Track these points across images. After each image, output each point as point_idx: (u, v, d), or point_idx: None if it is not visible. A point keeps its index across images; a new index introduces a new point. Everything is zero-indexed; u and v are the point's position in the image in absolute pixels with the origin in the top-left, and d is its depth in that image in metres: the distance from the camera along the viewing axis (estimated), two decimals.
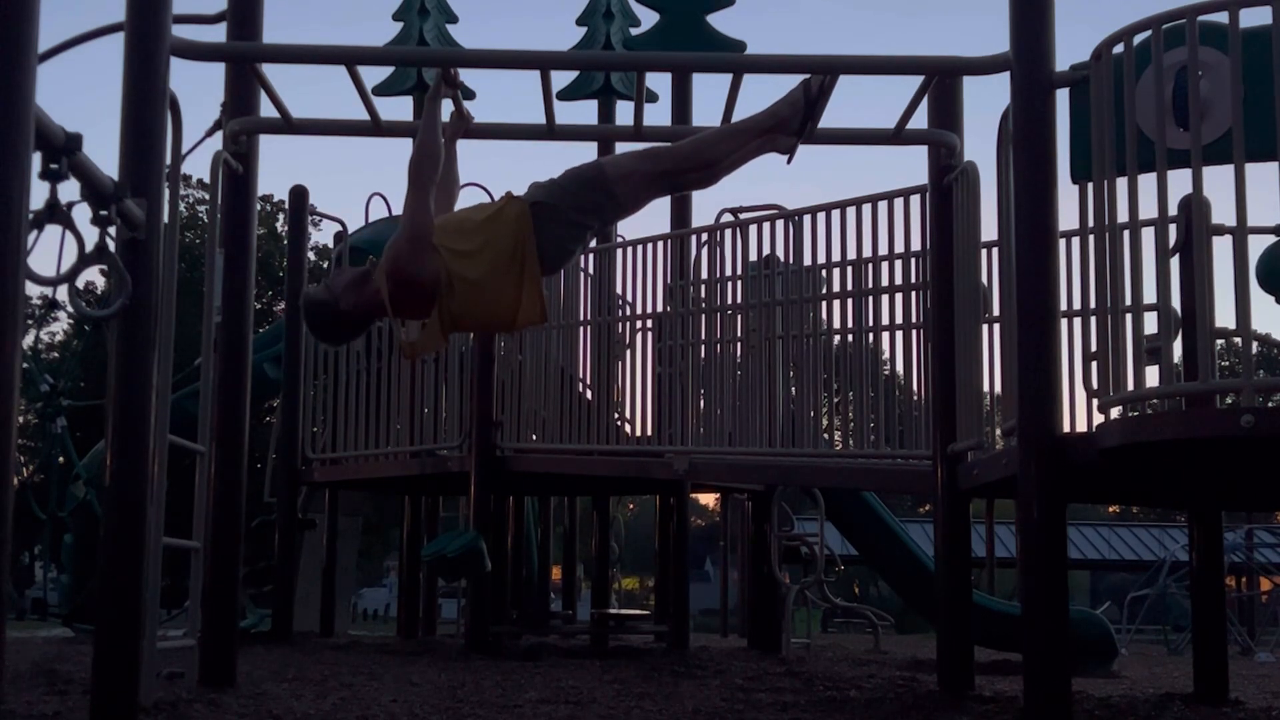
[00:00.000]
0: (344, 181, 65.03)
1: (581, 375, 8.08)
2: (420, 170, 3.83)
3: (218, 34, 5.84)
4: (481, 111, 6.83)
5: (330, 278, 3.99)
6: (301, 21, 60.94)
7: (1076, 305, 4.47)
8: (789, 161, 4.26)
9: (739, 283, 7.09)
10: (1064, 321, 4.63)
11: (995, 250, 5.46)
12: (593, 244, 8.61)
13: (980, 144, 5.18)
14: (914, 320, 6.18)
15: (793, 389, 6.92)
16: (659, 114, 10.24)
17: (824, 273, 6.67)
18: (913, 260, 6.18)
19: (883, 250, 6.32)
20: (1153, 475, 4.72)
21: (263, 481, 9.97)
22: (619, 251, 7.84)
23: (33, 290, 4.05)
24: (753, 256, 7.04)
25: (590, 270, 8.08)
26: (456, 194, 4.36)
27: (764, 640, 8.66)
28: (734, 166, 4.12)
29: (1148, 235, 4.04)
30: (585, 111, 10.59)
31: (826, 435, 7.93)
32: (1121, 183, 4.09)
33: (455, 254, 3.79)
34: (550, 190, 3.91)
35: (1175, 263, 4.66)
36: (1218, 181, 3.98)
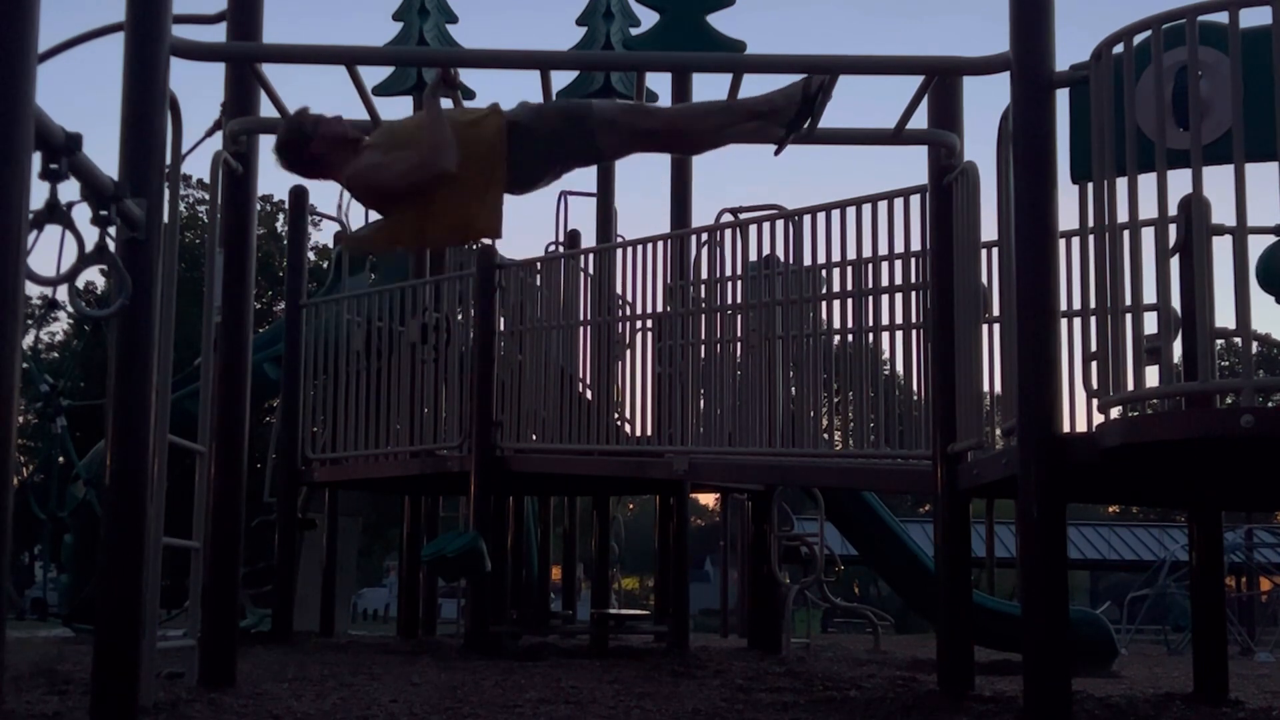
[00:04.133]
0: None
1: (581, 375, 8.08)
2: (433, 159, 3.87)
3: (218, 34, 5.85)
4: None
5: (331, 118, 4.04)
6: (301, 21, 60.92)
7: (1076, 305, 4.47)
8: (777, 153, 4.28)
9: (739, 283, 7.09)
10: (1064, 321, 4.64)
11: (995, 250, 5.46)
12: (593, 244, 8.64)
13: (980, 144, 5.19)
14: (914, 320, 6.18)
15: (793, 389, 6.92)
16: None
17: (824, 273, 6.67)
18: (913, 260, 6.18)
19: (883, 250, 6.32)
20: (1153, 475, 4.72)
21: (263, 481, 9.97)
22: (619, 251, 7.84)
23: (33, 290, 4.05)
24: (753, 256, 7.04)
25: (590, 270, 8.09)
26: None
27: (764, 640, 8.66)
28: (720, 143, 4.14)
29: (1148, 235, 4.04)
30: None
31: (826, 435, 7.93)
32: (1121, 183, 4.09)
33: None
34: (534, 116, 3.96)
35: (1175, 263, 4.66)
36: (1218, 181, 3.98)
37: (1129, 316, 4.02)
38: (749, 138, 4.15)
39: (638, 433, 7.75)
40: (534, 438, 8.14)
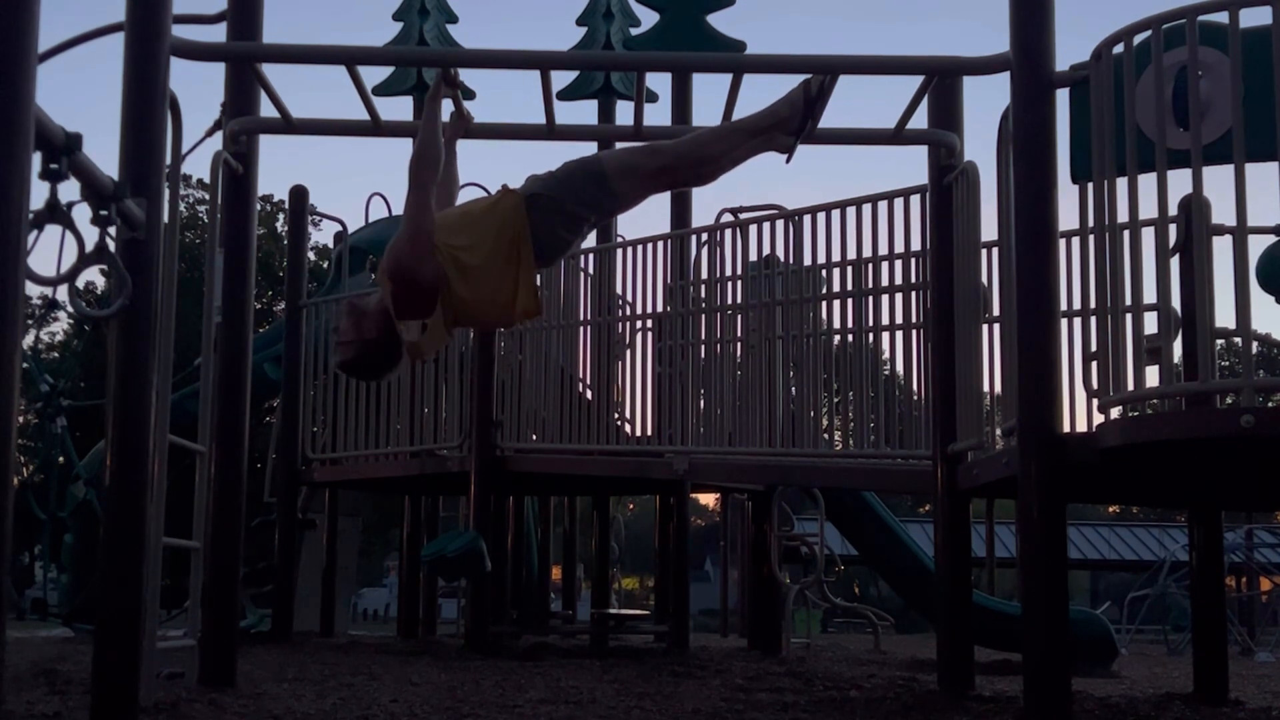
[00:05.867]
0: (344, 181, 65.03)
1: (581, 375, 8.08)
2: (420, 170, 3.83)
3: (218, 34, 5.84)
4: (481, 111, 6.84)
5: (334, 334, 3.96)
6: (301, 21, 60.96)
7: (1076, 305, 4.47)
8: (788, 161, 4.26)
9: (739, 283, 7.09)
10: (1064, 321, 4.64)
11: (995, 250, 5.46)
12: (593, 244, 8.66)
13: (980, 144, 5.19)
14: (914, 320, 6.19)
15: (793, 389, 6.92)
16: (659, 114, 10.27)
17: (824, 273, 6.68)
18: (913, 260, 6.18)
19: (883, 250, 6.32)
20: (1153, 475, 4.72)
21: (263, 481, 9.97)
22: (619, 251, 7.84)
23: (33, 290, 4.04)
24: (753, 256, 7.04)
25: (590, 270, 8.09)
26: (456, 194, 4.36)
27: (764, 640, 8.66)
28: (733, 164, 4.12)
29: (1148, 235, 4.04)
30: (585, 111, 10.61)
31: (826, 435, 7.92)
32: (1121, 183, 4.09)
33: (453, 249, 3.80)
34: (547, 183, 3.92)
35: (1175, 263, 4.66)
36: (1218, 181, 3.99)
37: (1129, 316, 4.02)
38: (760, 151, 4.14)
39: (638, 433, 7.75)
40: (534, 438, 8.14)
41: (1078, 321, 4.59)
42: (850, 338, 6.55)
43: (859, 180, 54.60)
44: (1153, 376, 4.04)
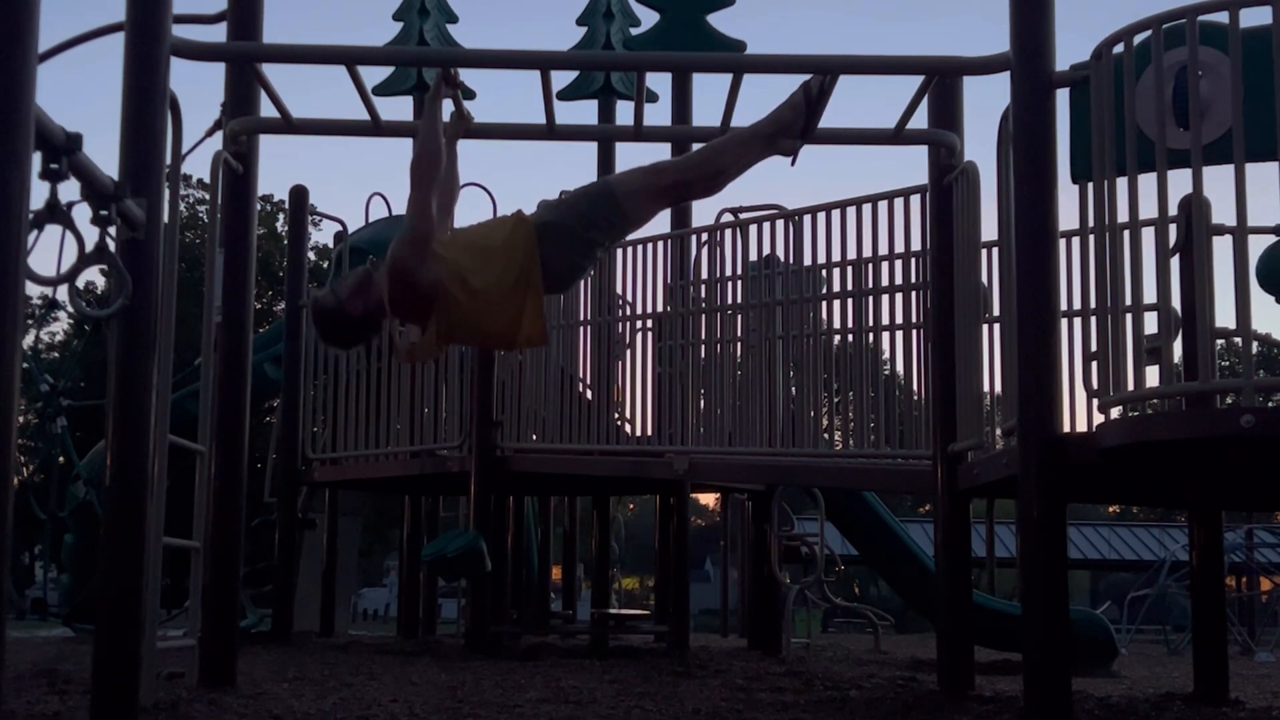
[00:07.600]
0: (344, 181, 65.05)
1: (581, 375, 8.08)
2: (420, 171, 3.86)
3: (218, 34, 5.84)
4: (481, 111, 6.83)
5: (335, 283, 4.01)
6: (301, 22, 60.99)
7: (1076, 305, 4.47)
8: (793, 163, 4.28)
9: (739, 283, 7.10)
10: (1064, 321, 4.64)
11: (995, 250, 5.46)
12: None
13: (980, 144, 5.19)
14: (914, 320, 6.19)
15: (793, 389, 6.92)
16: (659, 114, 10.27)
17: (824, 273, 6.68)
18: (913, 260, 6.19)
19: (883, 250, 6.33)
20: (1153, 475, 4.72)
21: (263, 481, 9.97)
22: (619, 251, 7.84)
23: (33, 290, 4.05)
24: (753, 256, 7.04)
25: (590, 270, 8.08)
26: (457, 194, 4.36)
27: (764, 640, 8.66)
28: (739, 172, 4.15)
29: (1148, 235, 4.04)
30: (585, 111, 10.62)
31: (826, 435, 7.92)
32: (1121, 183, 4.09)
33: (461, 267, 3.82)
34: (558, 209, 3.97)
35: (1175, 263, 4.66)
36: (1218, 181, 3.99)
37: (1129, 316, 4.02)
38: (765, 156, 4.16)
39: (638, 433, 7.75)
40: (534, 438, 8.14)
41: (1078, 321, 4.59)
42: (850, 338, 6.55)
43: (859, 180, 54.58)
44: (1153, 376, 4.04)
